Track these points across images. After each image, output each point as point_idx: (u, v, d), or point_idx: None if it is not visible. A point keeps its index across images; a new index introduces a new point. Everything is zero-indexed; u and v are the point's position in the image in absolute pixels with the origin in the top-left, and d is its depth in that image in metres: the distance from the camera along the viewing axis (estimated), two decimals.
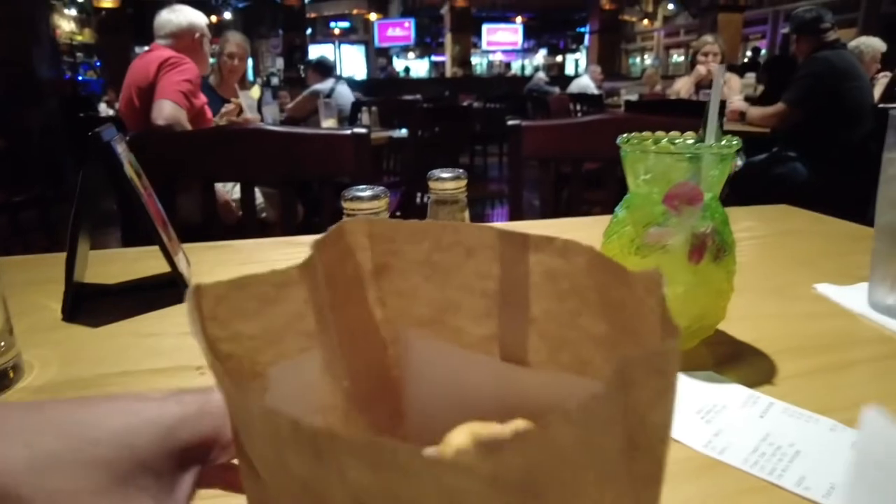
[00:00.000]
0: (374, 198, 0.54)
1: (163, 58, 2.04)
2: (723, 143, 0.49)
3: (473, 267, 0.25)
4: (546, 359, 0.25)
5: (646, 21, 11.77)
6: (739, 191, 2.30)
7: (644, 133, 0.52)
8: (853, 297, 0.63)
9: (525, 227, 0.99)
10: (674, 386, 0.16)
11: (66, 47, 8.97)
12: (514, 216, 1.49)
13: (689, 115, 1.92)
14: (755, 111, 2.82)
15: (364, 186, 0.55)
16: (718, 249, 0.49)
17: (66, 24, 9.62)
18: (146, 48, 2.25)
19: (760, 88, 4.30)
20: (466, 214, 0.64)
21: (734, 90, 3.14)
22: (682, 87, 3.33)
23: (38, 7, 6.59)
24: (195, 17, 2.24)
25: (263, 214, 2.09)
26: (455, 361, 0.26)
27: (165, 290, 0.69)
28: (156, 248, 0.66)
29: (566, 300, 0.24)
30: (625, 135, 0.51)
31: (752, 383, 0.47)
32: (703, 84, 3.21)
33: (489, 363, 0.26)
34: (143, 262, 0.78)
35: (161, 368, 0.51)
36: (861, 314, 0.60)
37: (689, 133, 0.53)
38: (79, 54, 9.08)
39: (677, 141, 0.50)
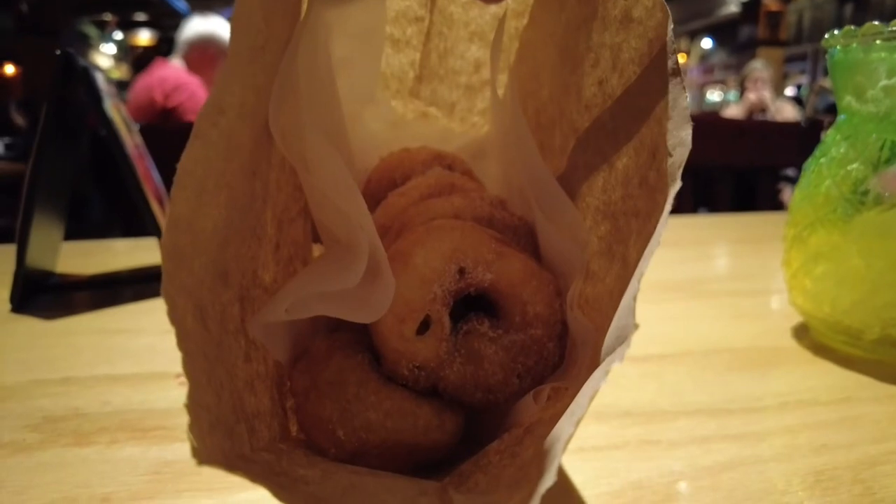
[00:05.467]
0: None
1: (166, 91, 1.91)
2: None
3: None
4: None
5: (679, 59, 11.64)
6: None
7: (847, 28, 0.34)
8: None
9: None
10: None
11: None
12: None
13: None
14: None
15: None
16: None
17: (103, 60, 9.83)
18: None
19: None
20: None
21: (790, 119, 2.96)
22: (734, 116, 3.15)
23: (76, 44, 6.72)
24: (221, 30, 2.06)
25: None
26: None
27: (152, 284, 0.53)
28: (153, 239, 0.50)
29: None
30: (833, 32, 0.34)
31: None
32: (756, 111, 3.03)
33: None
34: (134, 255, 0.61)
35: (124, 375, 0.34)
36: None
37: None
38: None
39: None
